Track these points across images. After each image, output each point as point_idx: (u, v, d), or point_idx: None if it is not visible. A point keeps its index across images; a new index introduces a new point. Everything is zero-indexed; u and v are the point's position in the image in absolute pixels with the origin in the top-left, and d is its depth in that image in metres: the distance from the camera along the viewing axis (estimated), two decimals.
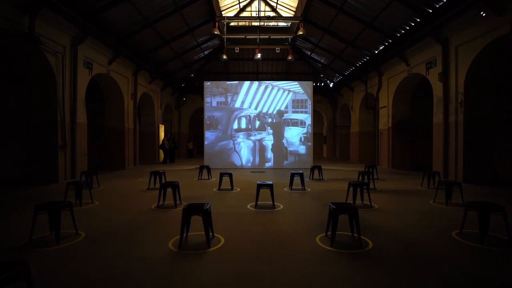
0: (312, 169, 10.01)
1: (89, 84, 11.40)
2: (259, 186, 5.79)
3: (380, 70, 14.30)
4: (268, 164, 13.79)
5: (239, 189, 7.83)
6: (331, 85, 21.53)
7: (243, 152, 13.76)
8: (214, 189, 7.81)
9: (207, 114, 14.00)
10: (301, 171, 8.00)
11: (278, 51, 18.49)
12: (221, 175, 7.91)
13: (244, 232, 4.24)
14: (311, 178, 9.75)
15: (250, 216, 5.17)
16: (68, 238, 3.90)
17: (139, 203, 6.07)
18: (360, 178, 8.19)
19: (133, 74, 14.04)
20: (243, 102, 13.95)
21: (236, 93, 14.01)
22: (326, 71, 19.84)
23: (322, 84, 21.86)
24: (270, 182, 5.89)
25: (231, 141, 13.76)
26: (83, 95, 10.21)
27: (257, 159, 13.75)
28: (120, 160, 13.34)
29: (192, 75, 19.29)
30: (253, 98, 13.94)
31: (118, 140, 13.35)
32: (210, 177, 10.05)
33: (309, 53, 18.97)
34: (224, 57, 18.38)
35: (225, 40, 16.94)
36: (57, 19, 8.34)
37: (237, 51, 18.49)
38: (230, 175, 7.88)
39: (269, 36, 17.06)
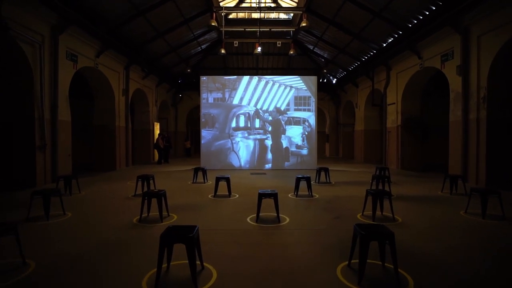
0: (318, 172, 9.12)
1: (77, 79, 10.50)
2: (261, 196, 4.89)
3: (388, 65, 13.38)
4: (268, 165, 12.89)
5: (237, 196, 6.95)
6: (334, 81, 20.62)
7: (242, 152, 12.86)
8: (209, 196, 6.92)
9: (203, 111, 13.08)
10: (307, 176, 7.10)
11: (279, 45, 17.60)
12: (218, 180, 7.01)
13: (243, 260, 3.35)
14: (317, 181, 8.86)
15: (251, 234, 4.28)
16: (8, 273, 2.99)
17: (119, 215, 5.17)
18: (374, 182, 7.32)
19: (124, 68, 13.11)
20: (241, 99, 13.02)
21: (234, 89, 13.08)
22: (329, 66, 18.92)
23: (325, 80, 20.95)
24: (275, 192, 4.99)
25: (229, 140, 12.86)
26: (66, 90, 9.28)
27: (257, 159, 12.86)
28: (111, 161, 12.43)
29: (188, 70, 18.34)
30: (253, 94, 13.02)
31: (109, 139, 12.43)
32: (205, 180, 9.16)
33: (311, 47, 18.03)
34: (223, 51, 17.44)
35: (223, 32, 16.01)
36: (32, 3, 7.41)
37: (236, 45, 17.60)
38: (227, 180, 6.99)
39: (270, 29, 16.13)
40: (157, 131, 17.39)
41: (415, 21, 10.52)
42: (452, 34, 9.06)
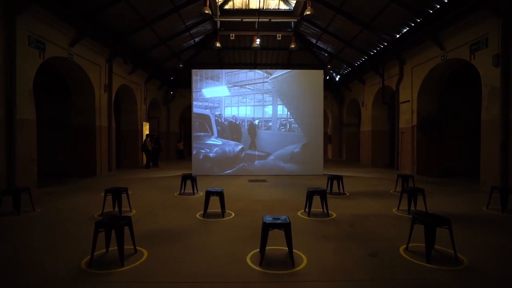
0: (330, 180, 7.69)
1: (52, 72, 9.01)
2: (267, 227, 3.43)
3: (402, 58, 12.01)
4: (269, 170, 11.44)
5: (233, 215, 5.50)
6: (337, 78, 19.24)
7: (239, 156, 11.40)
8: (197, 215, 5.47)
9: (195, 111, 11.60)
10: (321, 189, 5.69)
11: (280, 38, 16.21)
12: (208, 194, 5.55)
13: None
14: (329, 191, 7.43)
15: None
16: None
17: (65, 252, 3.70)
18: (402, 195, 5.91)
19: (106, 61, 11.61)
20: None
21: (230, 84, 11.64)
22: (333, 62, 17.52)
23: (327, 78, 19.56)
24: (286, 221, 3.49)
25: (224, 143, 11.40)
26: (29, 83, 7.78)
27: (256, 164, 11.41)
28: (90, 165, 10.93)
29: (181, 65, 16.85)
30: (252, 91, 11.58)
31: (88, 140, 10.93)
32: (195, 191, 7.70)
33: (314, 40, 16.63)
34: (218, 44, 16.05)
35: (218, 23, 14.61)
36: None
37: (233, 38, 16.20)
38: (220, 195, 5.54)
39: (270, 20, 14.69)
40: (146, 132, 15.90)
41: (438, 6, 9.16)
42: (488, 18, 7.69)
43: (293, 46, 16.07)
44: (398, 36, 11.67)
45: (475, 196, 7.10)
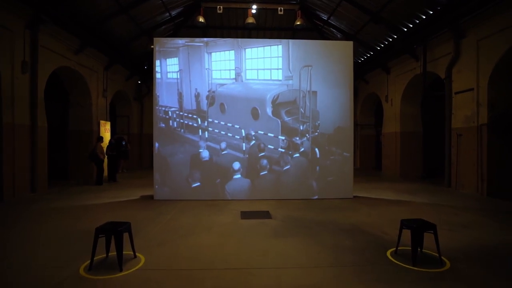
0: (416, 233, 3.70)
1: None
2: None
3: (460, 28, 8.42)
4: (269, 191, 7.60)
5: None
6: None
7: (223, 170, 7.52)
8: None
9: (160, 101, 7.73)
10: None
11: (281, 13, 12.49)
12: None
13: None
14: (414, 253, 3.56)
15: None
16: None
17: None
18: None
19: (26, 27, 7.71)
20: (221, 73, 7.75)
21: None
22: None
23: None
24: None
25: (203, 146, 7.54)
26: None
27: (251, 182, 7.56)
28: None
29: (152, 46, 12.94)
30: (241, 69, 7.71)
31: None
32: (132, 255, 3.82)
33: (326, 16, 12.95)
34: (201, 20, 12.43)
35: None
36: None
37: (220, 11, 12.46)
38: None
39: None
40: (105, 133, 11.99)
41: None
42: None
43: (298, 23, 12.48)
44: None
45: None
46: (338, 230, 4.83)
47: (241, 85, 7.50)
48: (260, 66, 7.43)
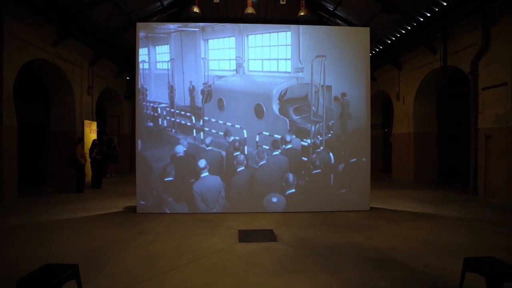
0: (496, 282, 2.52)
1: None
2: None
3: (489, 15, 7.37)
4: (274, 200, 6.52)
5: None
6: None
7: (216, 179, 6.43)
8: None
9: (148, 96, 6.68)
10: None
11: (284, 2, 11.42)
12: None
13: None
14: None
15: None
16: None
17: None
18: None
19: None
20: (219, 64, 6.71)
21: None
22: None
23: None
24: None
25: (194, 147, 6.46)
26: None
27: (251, 191, 6.48)
28: None
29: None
30: (240, 58, 6.66)
31: None
32: None
33: (332, 7, 11.89)
34: (196, 10, 11.38)
35: None
36: None
37: (217, 1, 11.43)
38: None
39: None
40: (90, 135, 10.90)
41: None
42: None
43: (302, 14, 11.39)
44: None
45: None
46: (364, 260, 3.77)
47: (243, 77, 6.45)
48: (265, 56, 6.44)
